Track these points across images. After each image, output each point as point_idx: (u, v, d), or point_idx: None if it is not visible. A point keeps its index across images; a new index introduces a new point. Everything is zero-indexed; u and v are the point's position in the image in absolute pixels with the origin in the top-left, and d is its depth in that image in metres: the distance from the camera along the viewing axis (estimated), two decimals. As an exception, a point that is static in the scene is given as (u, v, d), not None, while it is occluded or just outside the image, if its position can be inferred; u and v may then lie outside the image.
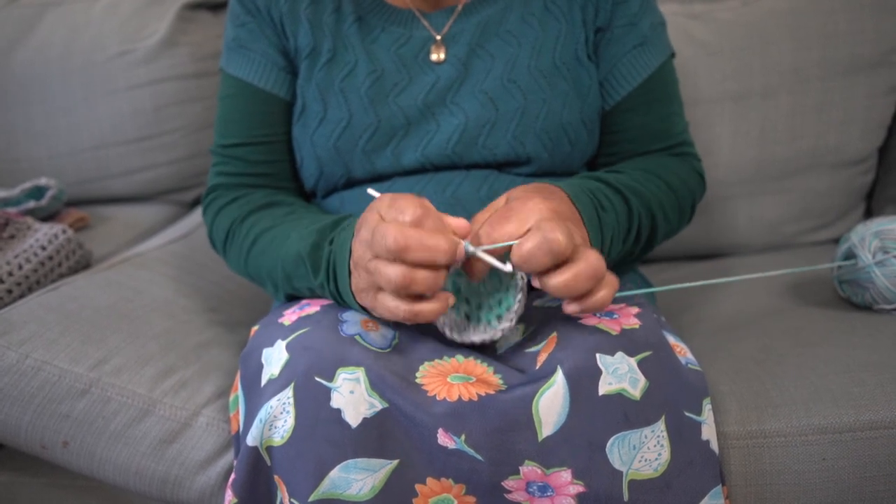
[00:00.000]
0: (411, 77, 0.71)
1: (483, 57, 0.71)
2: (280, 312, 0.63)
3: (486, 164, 0.71)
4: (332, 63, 0.71)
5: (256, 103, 0.74)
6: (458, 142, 0.70)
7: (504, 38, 0.71)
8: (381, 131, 0.70)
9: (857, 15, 0.95)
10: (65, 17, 1.15)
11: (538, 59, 0.71)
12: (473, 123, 0.70)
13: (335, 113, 0.71)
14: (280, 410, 0.54)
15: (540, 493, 0.53)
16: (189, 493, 0.67)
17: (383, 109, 0.70)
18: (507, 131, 0.70)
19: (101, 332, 0.72)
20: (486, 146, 0.70)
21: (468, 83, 0.71)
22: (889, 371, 0.63)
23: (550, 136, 0.70)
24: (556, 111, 0.70)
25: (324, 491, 0.52)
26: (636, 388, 0.54)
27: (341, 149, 0.71)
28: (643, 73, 0.73)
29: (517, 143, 0.70)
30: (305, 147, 0.73)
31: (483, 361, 0.57)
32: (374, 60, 0.71)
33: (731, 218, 1.00)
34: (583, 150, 0.73)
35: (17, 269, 0.80)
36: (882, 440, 0.60)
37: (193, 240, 0.98)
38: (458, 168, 0.71)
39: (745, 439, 0.61)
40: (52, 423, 0.68)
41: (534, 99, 0.70)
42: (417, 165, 0.71)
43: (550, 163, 0.71)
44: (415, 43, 0.72)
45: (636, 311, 0.59)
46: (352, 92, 0.70)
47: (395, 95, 0.70)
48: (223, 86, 0.76)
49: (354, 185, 0.74)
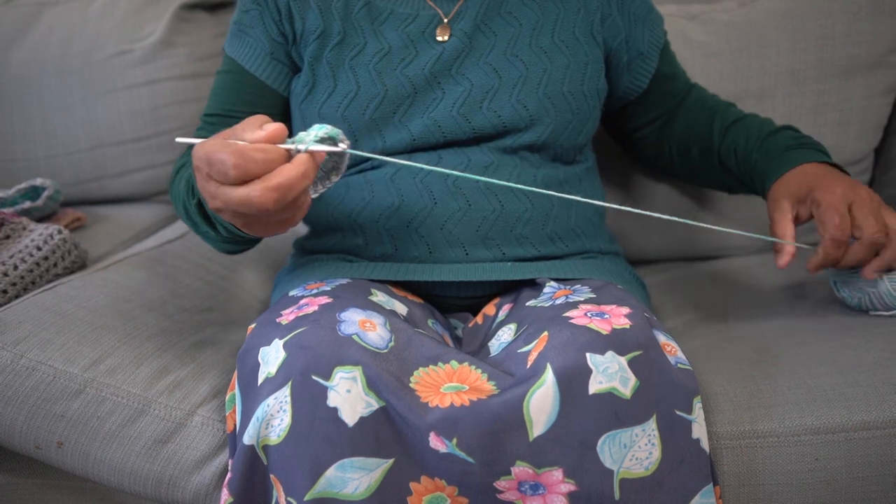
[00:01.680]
0: (418, 51, 0.73)
1: (486, 33, 0.74)
2: (277, 312, 0.64)
3: (493, 128, 0.73)
4: (343, 45, 0.74)
5: (242, 83, 0.77)
6: (462, 105, 0.72)
7: (506, 18, 0.75)
8: (387, 100, 0.72)
9: (854, 17, 0.95)
10: (62, 17, 1.15)
11: (538, 38, 0.74)
12: (478, 90, 0.73)
13: (344, 86, 0.73)
14: (277, 409, 0.55)
15: (532, 492, 0.54)
16: (184, 493, 0.67)
17: (390, 80, 0.73)
18: (510, 96, 0.73)
19: (96, 332, 0.72)
20: (490, 108, 0.72)
21: (472, 56, 0.74)
22: (882, 372, 0.63)
23: (552, 101, 0.73)
24: (556, 79, 0.73)
25: (320, 490, 0.53)
26: (627, 387, 0.54)
27: (349, 118, 0.73)
28: (661, 30, 0.82)
29: (520, 106, 0.72)
30: (312, 120, 0.75)
31: (477, 368, 0.57)
32: (382, 40, 0.74)
33: (726, 219, 1.00)
34: (583, 122, 0.76)
35: (12, 270, 0.80)
36: (875, 440, 0.60)
37: (190, 240, 0.98)
38: (467, 141, 0.73)
39: (738, 439, 0.61)
40: (46, 423, 0.68)
41: (535, 69, 0.73)
42: (425, 131, 0.72)
43: (554, 127, 0.74)
44: (421, 21, 0.75)
45: (627, 310, 0.59)
46: (360, 67, 0.73)
47: (402, 67, 0.73)
48: (222, 63, 0.80)
49: (361, 163, 0.75)
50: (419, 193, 0.71)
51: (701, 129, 0.83)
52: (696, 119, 0.84)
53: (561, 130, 0.74)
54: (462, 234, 0.71)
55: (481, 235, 0.71)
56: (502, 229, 0.71)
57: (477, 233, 0.71)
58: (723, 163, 0.81)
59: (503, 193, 0.72)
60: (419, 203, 0.71)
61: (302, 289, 0.69)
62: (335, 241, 0.76)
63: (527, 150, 0.74)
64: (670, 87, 0.85)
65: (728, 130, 0.81)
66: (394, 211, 0.72)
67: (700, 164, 0.85)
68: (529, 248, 0.72)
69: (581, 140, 0.77)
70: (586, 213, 0.77)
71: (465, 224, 0.71)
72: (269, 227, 0.56)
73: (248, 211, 0.51)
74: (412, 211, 0.71)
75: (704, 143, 0.83)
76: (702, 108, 0.84)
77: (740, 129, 0.80)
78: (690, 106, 0.86)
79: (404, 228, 0.71)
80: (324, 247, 0.77)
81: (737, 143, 0.79)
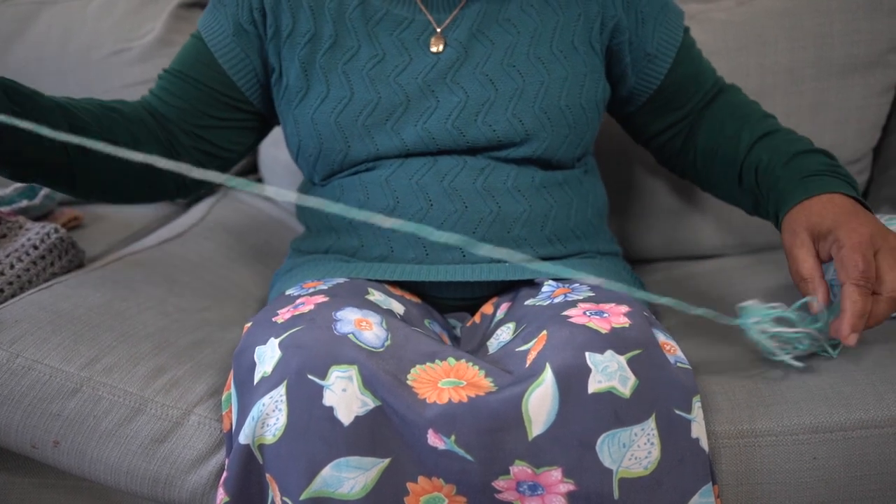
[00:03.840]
0: (412, 58, 0.72)
1: (483, 42, 0.73)
2: (274, 311, 0.63)
3: (487, 142, 0.71)
4: (335, 48, 0.73)
5: (198, 54, 0.76)
6: (457, 117, 0.71)
7: (503, 26, 0.73)
8: (381, 107, 0.71)
9: (853, 16, 0.95)
10: (60, 16, 1.15)
11: (536, 47, 0.72)
12: (473, 101, 0.71)
13: (337, 91, 0.72)
14: (272, 408, 0.54)
15: (530, 492, 0.53)
16: (180, 492, 0.67)
17: (384, 87, 0.71)
18: (506, 109, 0.71)
19: (93, 331, 0.72)
20: (485, 122, 0.71)
21: (468, 65, 0.72)
22: (880, 370, 0.63)
23: (549, 115, 0.71)
24: (553, 93, 0.71)
25: (315, 489, 0.52)
26: (626, 386, 0.54)
27: (342, 123, 0.72)
28: (679, 29, 0.78)
29: (516, 121, 0.71)
30: (305, 125, 0.74)
31: (475, 365, 0.57)
32: (376, 44, 0.73)
33: (726, 217, 1.00)
34: (580, 135, 0.74)
35: (8, 269, 0.80)
36: (873, 439, 0.60)
37: (187, 239, 0.98)
38: (458, 150, 0.72)
39: (737, 438, 0.61)
40: (42, 422, 0.67)
41: (532, 81, 0.71)
42: (419, 141, 0.71)
43: (550, 143, 0.72)
44: (416, 26, 0.73)
45: (626, 309, 0.59)
46: (354, 73, 0.72)
47: (395, 75, 0.72)
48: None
49: (354, 166, 0.74)
50: (414, 196, 0.71)
51: (727, 139, 0.75)
52: (723, 127, 0.76)
53: (558, 145, 0.73)
54: None
55: (478, 238, 0.70)
56: (499, 231, 0.71)
57: (474, 235, 0.70)
58: (742, 179, 0.74)
59: (500, 195, 0.71)
60: (415, 206, 0.71)
61: (299, 288, 0.69)
62: (331, 242, 0.75)
63: (523, 160, 0.73)
64: (693, 88, 0.79)
65: (755, 145, 0.73)
66: (389, 213, 0.71)
67: (720, 179, 0.78)
68: (528, 250, 0.72)
69: (579, 151, 0.76)
70: (586, 214, 0.77)
71: (462, 226, 0.70)
72: None
73: None
74: (407, 214, 0.71)
75: (729, 157, 0.75)
76: (731, 117, 0.77)
77: (769, 143, 0.72)
78: (718, 111, 0.78)
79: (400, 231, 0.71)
80: (320, 247, 0.76)
81: (761, 158, 0.71)
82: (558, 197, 0.74)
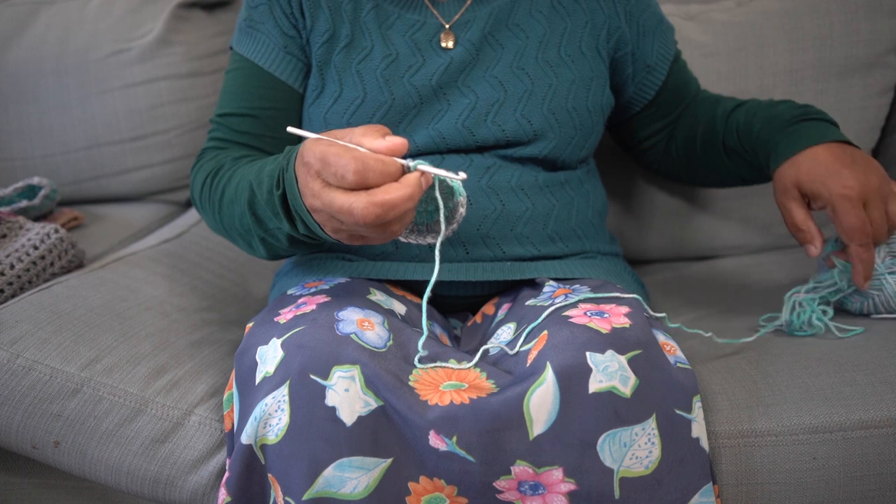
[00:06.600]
0: (425, 59, 0.73)
1: (493, 45, 0.74)
2: (275, 311, 0.63)
3: (496, 141, 0.72)
4: (350, 47, 0.73)
5: (253, 78, 0.75)
6: (468, 118, 0.72)
7: (512, 31, 0.74)
8: (394, 109, 0.72)
9: (852, 16, 0.95)
10: (59, 16, 1.15)
11: (545, 51, 0.74)
12: (483, 102, 0.72)
13: (350, 92, 0.72)
14: (275, 408, 0.54)
15: (531, 492, 0.53)
16: (181, 492, 0.67)
17: (398, 88, 0.72)
18: (515, 110, 0.72)
19: (93, 332, 0.72)
20: (495, 122, 0.72)
21: (478, 68, 0.73)
22: (880, 371, 0.63)
23: (557, 117, 0.73)
24: (561, 95, 0.73)
25: (318, 489, 0.52)
26: (626, 385, 0.54)
27: (354, 124, 0.72)
28: (672, 42, 0.82)
29: (524, 121, 0.72)
30: (317, 125, 0.74)
31: (476, 367, 0.57)
32: (390, 45, 0.73)
33: (725, 219, 1.00)
34: (585, 137, 0.75)
35: (8, 269, 0.79)
36: (873, 439, 0.60)
37: (187, 239, 0.98)
38: (468, 150, 0.73)
39: (737, 438, 0.61)
40: (43, 422, 0.67)
41: (540, 84, 0.73)
42: (429, 141, 0.72)
43: (557, 143, 0.73)
44: (428, 28, 0.74)
45: (626, 309, 0.59)
46: (367, 73, 0.72)
47: (409, 76, 0.72)
48: (230, 62, 0.78)
49: None
50: None
51: (704, 119, 0.82)
52: (699, 112, 0.83)
53: (564, 146, 0.74)
54: (462, 233, 0.71)
55: (482, 234, 0.71)
56: (503, 228, 0.71)
57: (477, 231, 0.71)
58: (726, 145, 0.79)
59: (504, 193, 0.72)
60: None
61: (300, 287, 0.69)
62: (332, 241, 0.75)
63: (529, 160, 0.74)
64: (680, 96, 0.84)
65: (731, 114, 0.79)
66: None
67: (706, 155, 0.83)
68: (530, 248, 0.72)
69: (584, 154, 0.77)
70: (587, 213, 0.77)
71: (466, 223, 0.71)
72: (353, 238, 0.55)
73: (345, 219, 0.51)
74: None
75: (708, 132, 0.81)
76: (703, 105, 0.84)
77: (742, 110, 0.79)
78: (695, 105, 0.85)
79: None
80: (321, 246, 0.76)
81: (738, 121, 0.77)
82: (560, 197, 0.74)
